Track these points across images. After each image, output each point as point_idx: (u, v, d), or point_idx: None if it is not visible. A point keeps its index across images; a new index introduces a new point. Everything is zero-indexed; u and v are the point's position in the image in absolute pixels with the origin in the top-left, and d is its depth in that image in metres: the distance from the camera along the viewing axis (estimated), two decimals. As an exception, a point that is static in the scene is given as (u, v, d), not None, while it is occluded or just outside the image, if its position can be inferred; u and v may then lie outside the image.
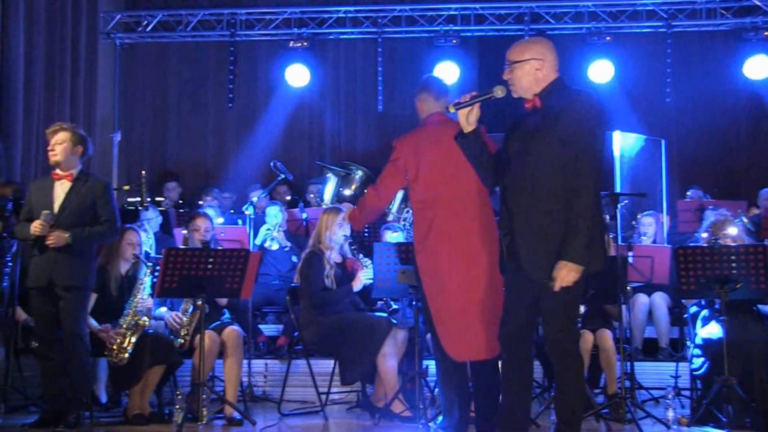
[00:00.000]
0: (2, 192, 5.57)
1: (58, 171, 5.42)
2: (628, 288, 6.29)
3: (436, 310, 4.57)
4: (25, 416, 5.87)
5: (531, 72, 3.92)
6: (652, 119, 9.71)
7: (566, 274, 3.72)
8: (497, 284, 4.32)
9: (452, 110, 3.92)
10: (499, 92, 3.88)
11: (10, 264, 5.65)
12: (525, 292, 3.91)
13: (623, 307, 5.88)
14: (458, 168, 4.37)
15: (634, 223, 7.76)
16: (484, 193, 4.57)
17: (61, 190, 5.40)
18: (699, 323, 5.87)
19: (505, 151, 4.00)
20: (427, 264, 4.61)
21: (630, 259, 6.46)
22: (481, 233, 4.52)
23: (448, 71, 9.44)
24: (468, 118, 3.89)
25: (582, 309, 5.93)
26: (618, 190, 8.08)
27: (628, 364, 5.88)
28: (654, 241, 7.46)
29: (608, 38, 9.43)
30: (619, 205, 6.19)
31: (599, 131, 3.86)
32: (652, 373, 6.77)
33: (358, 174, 9.65)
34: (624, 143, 8.63)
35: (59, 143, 5.38)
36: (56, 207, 5.36)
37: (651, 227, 7.51)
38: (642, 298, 7.06)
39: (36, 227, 5.24)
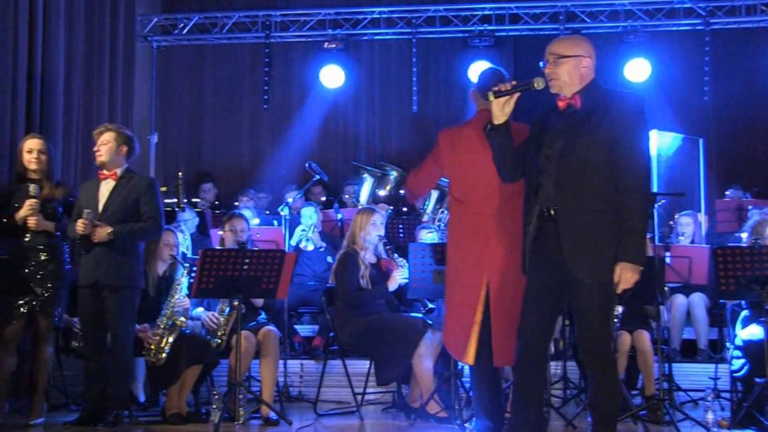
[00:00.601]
0: (53, 193, 5.64)
1: (104, 171, 5.50)
2: (666, 288, 6.23)
3: (448, 306, 4.55)
4: (66, 414, 5.96)
5: (578, 69, 3.90)
6: (689, 118, 9.59)
7: (630, 276, 3.74)
8: (515, 289, 4.18)
9: (491, 98, 3.84)
10: (538, 84, 3.84)
11: (70, 266, 5.72)
12: (551, 294, 3.88)
13: (661, 307, 5.83)
14: (493, 167, 4.33)
15: (671, 223, 7.68)
16: (516, 194, 4.41)
17: (106, 189, 5.47)
18: (739, 324, 5.79)
19: (535, 148, 3.94)
20: (451, 259, 4.57)
21: (667, 260, 6.40)
22: (508, 234, 4.38)
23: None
24: (503, 108, 3.84)
25: (619, 309, 5.89)
26: (655, 189, 8.01)
27: (666, 365, 5.82)
28: (692, 242, 7.38)
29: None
30: (656, 205, 6.13)
31: (645, 131, 3.88)
32: (691, 374, 6.68)
33: (393, 175, 9.65)
34: (661, 142, 8.56)
35: (104, 144, 5.46)
36: (101, 206, 5.43)
37: (689, 227, 7.42)
38: (680, 299, 6.98)
39: (79, 226, 5.31)
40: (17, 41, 6.59)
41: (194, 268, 5.59)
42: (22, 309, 5.45)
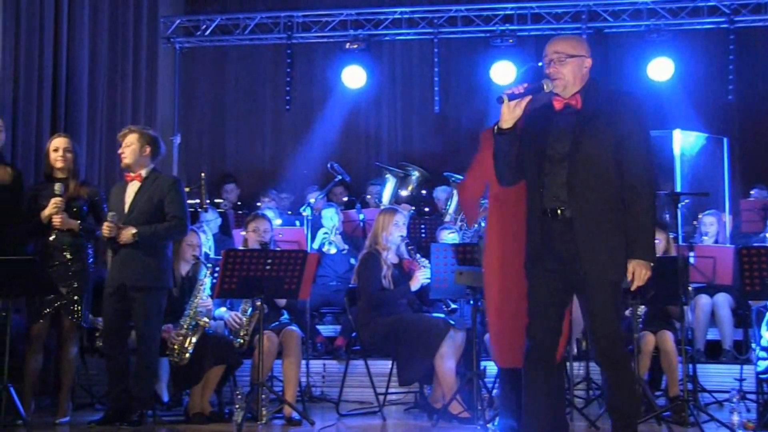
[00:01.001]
0: (79, 192, 5.69)
1: (129, 173, 5.54)
2: (690, 289, 6.18)
3: (488, 310, 4.54)
4: (90, 413, 6.02)
5: (581, 69, 3.89)
6: (713, 117, 9.51)
7: (644, 272, 3.76)
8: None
9: (505, 100, 3.79)
10: (547, 86, 3.81)
11: (93, 267, 5.77)
12: (557, 294, 3.87)
13: (685, 308, 5.78)
14: None
15: (695, 222, 7.63)
16: None
17: (132, 190, 5.51)
18: (764, 325, 5.74)
19: (535, 149, 3.89)
20: (489, 259, 4.56)
21: (691, 260, 6.35)
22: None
23: (504, 71, 9.39)
24: (513, 112, 3.80)
25: (642, 310, 5.86)
26: (679, 189, 7.96)
27: (690, 366, 5.78)
28: (716, 241, 7.32)
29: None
30: (679, 205, 6.09)
31: (648, 129, 3.89)
32: (715, 375, 6.63)
33: (415, 175, 9.67)
34: (684, 142, 8.49)
35: (128, 146, 5.50)
36: (126, 207, 5.47)
37: (713, 227, 7.37)
38: (704, 299, 6.92)
39: (104, 229, 5.36)
40: (43, 43, 6.66)
41: (217, 269, 5.61)
42: (47, 308, 5.51)
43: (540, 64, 3.96)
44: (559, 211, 3.81)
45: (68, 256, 5.58)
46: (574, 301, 3.99)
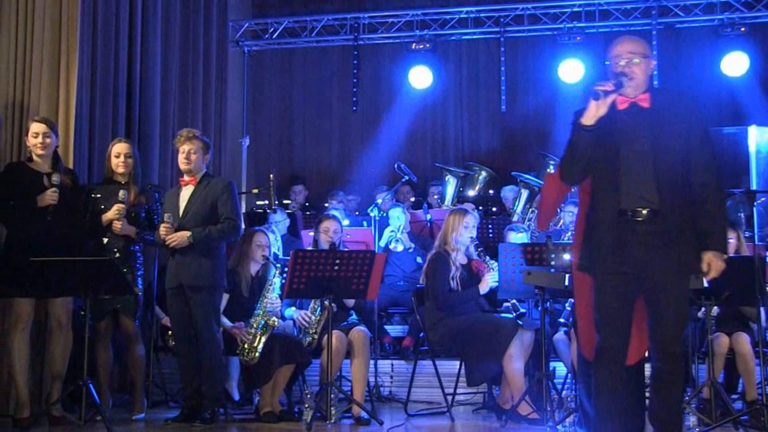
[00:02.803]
0: (138, 200, 5.83)
1: (185, 177, 5.66)
2: (767, 289, 6.02)
3: (576, 305, 4.51)
4: (165, 411, 6.14)
5: (649, 69, 3.93)
6: (791, 112, 9.26)
7: (720, 264, 3.80)
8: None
9: (601, 95, 3.73)
10: (626, 84, 3.81)
11: (141, 270, 5.90)
12: (627, 298, 3.85)
13: (761, 309, 5.64)
14: None
15: (772, 221, 7.44)
16: None
17: (186, 193, 5.63)
18: None
19: (603, 149, 3.85)
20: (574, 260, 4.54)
21: (768, 259, 6.18)
22: None
23: (572, 69, 9.29)
24: (599, 109, 3.78)
25: (715, 311, 5.73)
26: (754, 187, 7.76)
27: (768, 369, 5.64)
28: (794, 241, 7.12)
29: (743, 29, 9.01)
30: (755, 203, 5.94)
31: (709, 127, 3.98)
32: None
33: (482, 175, 9.63)
34: (760, 138, 8.28)
35: (193, 153, 5.61)
36: (181, 211, 5.58)
37: (790, 226, 7.18)
38: (781, 300, 6.74)
39: (161, 230, 5.49)
40: (118, 52, 6.82)
41: (286, 269, 5.68)
42: (106, 308, 5.66)
43: (607, 62, 3.94)
44: (642, 210, 3.80)
45: (118, 260, 5.66)
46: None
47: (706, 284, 4.02)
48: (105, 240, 5.71)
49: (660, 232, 3.78)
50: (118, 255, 5.69)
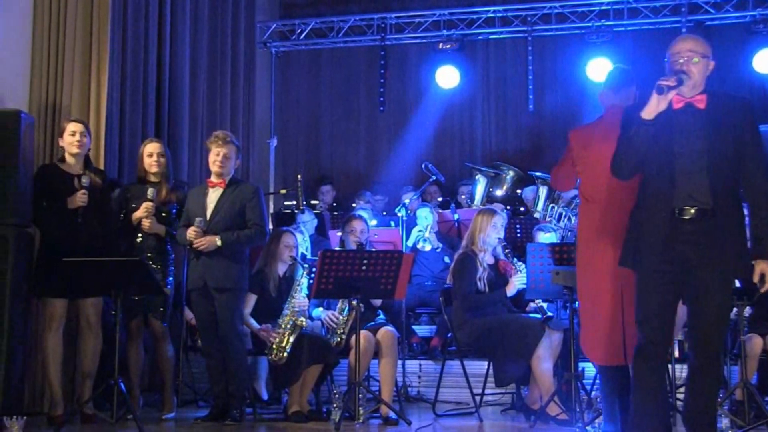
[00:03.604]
0: (169, 198, 5.88)
1: (213, 179, 5.69)
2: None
3: (583, 309, 4.50)
4: (194, 410, 6.19)
5: (707, 70, 3.90)
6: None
7: None
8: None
9: (665, 90, 3.72)
10: (686, 81, 3.80)
11: (173, 268, 5.94)
12: (671, 296, 3.84)
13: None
14: None
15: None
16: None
17: (214, 196, 5.68)
18: None
19: (657, 147, 3.85)
20: (582, 261, 4.53)
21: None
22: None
23: (600, 67, 9.22)
24: (660, 104, 3.76)
25: (748, 311, 5.67)
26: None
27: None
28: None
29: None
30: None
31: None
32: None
33: (509, 174, 9.60)
34: (793, 136, 8.16)
35: (228, 158, 5.66)
36: (209, 213, 5.62)
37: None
38: (815, 300, 6.65)
39: (191, 233, 5.54)
40: (147, 54, 6.88)
41: (314, 269, 5.69)
42: (139, 307, 5.71)
43: (666, 60, 3.92)
44: (691, 210, 3.79)
45: (151, 260, 5.74)
46: None
47: (738, 284, 4.00)
48: (138, 239, 5.76)
49: (707, 232, 3.77)
50: (149, 254, 5.73)
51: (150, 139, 6.18)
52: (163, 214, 5.83)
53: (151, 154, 5.88)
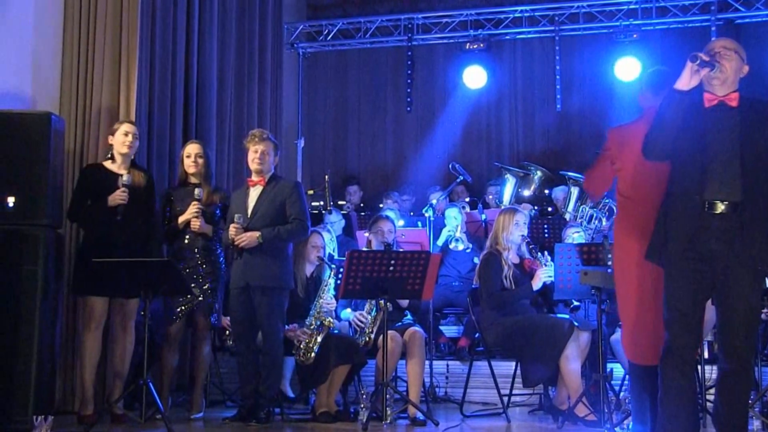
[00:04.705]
0: (212, 199, 5.91)
1: (253, 177, 5.72)
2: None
3: (621, 307, 4.48)
4: (222, 410, 6.22)
5: (740, 71, 3.91)
6: None
7: None
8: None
9: (698, 57, 3.75)
10: (716, 69, 3.81)
11: (224, 266, 5.99)
12: (700, 294, 3.81)
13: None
14: (659, 166, 4.20)
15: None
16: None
17: (254, 194, 5.69)
18: None
19: (689, 139, 3.85)
20: (618, 259, 4.51)
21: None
22: None
23: (629, 67, 9.16)
24: (692, 78, 3.77)
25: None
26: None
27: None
28: None
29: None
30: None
31: None
32: None
33: (537, 174, 9.57)
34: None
35: (266, 154, 5.68)
36: (249, 210, 5.64)
37: None
38: None
39: (231, 230, 5.55)
40: (175, 55, 6.92)
41: (341, 270, 5.70)
42: (183, 308, 5.74)
43: (698, 55, 3.91)
44: (720, 204, 3.77)
45: (200, 259, 5.79)
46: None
47: None
48: (186, 240, 5.81)
49: (736, 227, 3.75)
50: (198, 255, 5.78)
51: (191, 140, 6.25)
52: (208, 214, 5.86)
53: (189, 155, 5.93)
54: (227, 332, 6.27)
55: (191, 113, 7.18)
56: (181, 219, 5.78)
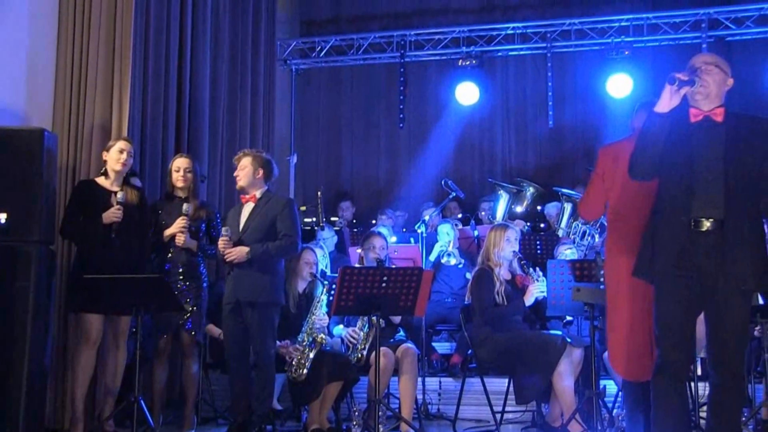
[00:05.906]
0: (198, 214, 5.91)
1: (245, 195, 5.72)
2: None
3: (609, 324, 4.49)
4: (214, 427, 6.19)
5: (724, 85, 3.93)
6: None
7: None
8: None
9: (676, 81, 3.77)
10: (697, 84, 3.83)
11: (206, 282, 5.97)
12: (691, 311, 3.82)
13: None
14: (648, 183, 4.21)
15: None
16: None
17: (246, 211, 5.69)
18: None
19: (675, 155, 3.87)
20: (609, 275, 4.53)
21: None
22: None
23: (620, 83, 9.20)
24: (672, 99, 3.80)
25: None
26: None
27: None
28: None
29: None
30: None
31: None
32: None
33: (530, 191, 9.59)
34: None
35: (242, 169, 5.69)
36: (241, 226, 5.64)
37: None
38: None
39: (220, 243, 5.56)
40: (168, 70, 6.93)
41: (334, 286, 5.70)
42: (167, 324, 5.72)
43: (675, 76, 3.93)
44: (706, 222, 3.78)
45: (182, 274, 5.77)
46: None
47: (761, 301, 3.97)
48: (169, 254, 5.80)
49: (723, 245, 3.75)
50: (181, 269, 5.77)
51: (180, 154, 6.24)
52: (193, 229, 5.85)
53: (178, 168, 5.93)
54: (221, 348, 6.25)
55: (183, 129, 7.18)
56: (167, 233, 5.77)
